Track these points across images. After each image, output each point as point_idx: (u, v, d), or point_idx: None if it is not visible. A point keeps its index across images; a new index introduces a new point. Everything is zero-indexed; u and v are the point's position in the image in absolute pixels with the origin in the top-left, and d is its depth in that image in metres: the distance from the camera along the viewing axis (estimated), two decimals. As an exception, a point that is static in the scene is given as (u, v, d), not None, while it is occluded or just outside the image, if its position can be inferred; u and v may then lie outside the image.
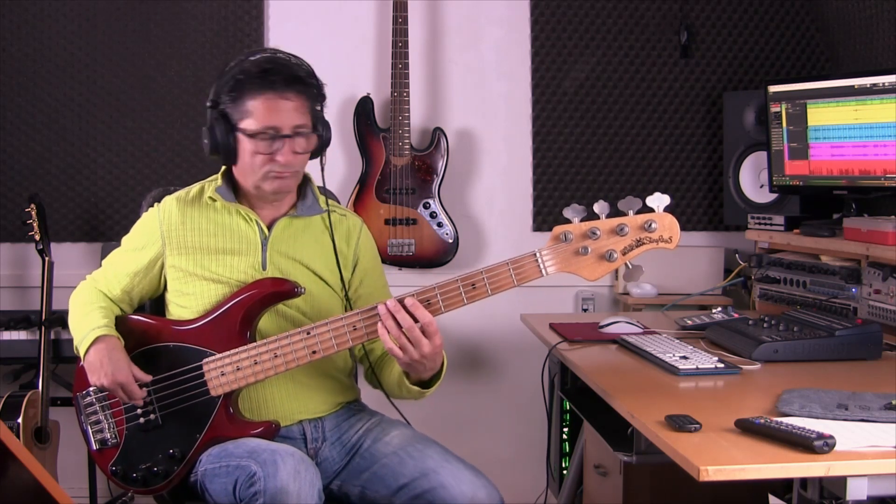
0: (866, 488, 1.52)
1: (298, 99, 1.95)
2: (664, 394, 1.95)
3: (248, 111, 1.95)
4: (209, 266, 2.02)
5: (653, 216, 1.80)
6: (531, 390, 3.21)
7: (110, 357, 1.94)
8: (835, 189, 2.77)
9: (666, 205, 1.81)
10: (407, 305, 1.82)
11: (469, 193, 3.46)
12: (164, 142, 3.37)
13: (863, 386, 1.91)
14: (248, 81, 1.95)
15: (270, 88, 1.93)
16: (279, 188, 2.01)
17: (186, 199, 2.09)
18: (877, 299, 2.44)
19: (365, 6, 3.39)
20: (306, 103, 1.97)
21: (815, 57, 3.45)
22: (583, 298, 3.45)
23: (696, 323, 2.58)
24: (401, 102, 3.21)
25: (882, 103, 2.56)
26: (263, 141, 1.95)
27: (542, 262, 1.83)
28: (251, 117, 1.95)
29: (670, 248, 1.82)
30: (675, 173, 3.47)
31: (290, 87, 1.94)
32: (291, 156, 1.96)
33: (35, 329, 3.05)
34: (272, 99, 1.94)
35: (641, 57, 3.43)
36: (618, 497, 2.33)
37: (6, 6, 3.27)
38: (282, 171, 1.97)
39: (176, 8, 3.33)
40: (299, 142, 1.97)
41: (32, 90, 3.31)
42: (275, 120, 1.94)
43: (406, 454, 1.95)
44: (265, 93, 1.94)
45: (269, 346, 1.92)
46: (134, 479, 1.98)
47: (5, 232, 3.34)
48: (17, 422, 2.83)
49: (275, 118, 1.94)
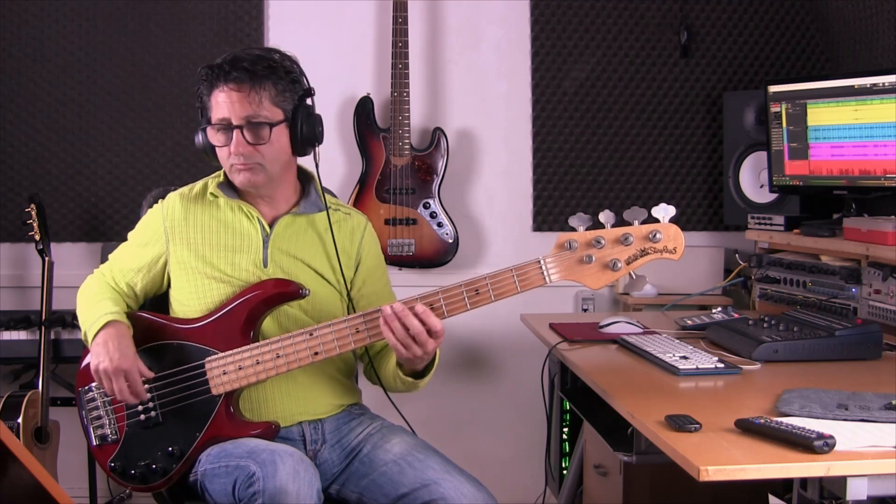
0: (866, 488, 1.52)
1: (245, 88, 1.94)
2: (664, 394, 1.95)
3: (209, 106, 1.99)
4: (212, 263, 2.02)
5: (658, 226, 1.81)
6: (531, 390, 3.21)
7: (119, 343, 1.93)
8: (835, 189, 2.77)
9: (671, 216, 1.81)
10: (418, 312, 1.82)
11: (469, 193, 3.46)
12: (164, 142, 3.37)
13: (863, 386, 1.91)
14: (208, 76, 1.97)
15: (220, 80, 1.95)
16: (244, 182, 1.99)
17: (190, 196, 2.09)
18: (877, 299, 2.44)
19: (365, 6, 3.39)
20: (264, 93, 1.95)
21: (815, 57, 3.45)
22: (583, 298, 3.45)
23: (696, 323, 2.58)
24: (401, 102, 3.21)
25: (882, 103, 2.56)
26: (221, 133, 1.97)
27: (545, 270, 1.83)
28: (212, 111, 1.98)
29: (674, 259, 1.82)
30: (675, 173, 3.47)
31: (237, 77, 1.94)
32: (244, 147, 1.95)
33: (35, 329, 3.05)
34: (223, 90, 1.95)
35: (641, 57, 3.43)
36: (618, 497, 2.33)
37: (6, 6, 3.27)
38: (241, 163, 1.96)
39: (176, 8, 3.33)
40: (250, 132, 1.95)
41: (32, 90, 3.31)
42: (224, 111, 1.95)
43: (406, 463, 1.95)
44: (218, 84, 1.96)
45: (272, 346, 1.92)
46: (133, 475, 1.98)
47: (5, 232, 3.34)
48: (17, 422, 2.84)
49: (224, 109, 1.95)
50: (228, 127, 1.96)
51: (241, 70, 1.94)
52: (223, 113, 1.95)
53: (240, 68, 1.94)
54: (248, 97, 1.94)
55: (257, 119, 1.95)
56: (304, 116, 2.01)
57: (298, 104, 2.01)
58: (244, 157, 1.96)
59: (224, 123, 1.96)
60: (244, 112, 1.94)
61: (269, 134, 1.96)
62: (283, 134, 1.99)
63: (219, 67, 1.96)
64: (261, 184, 2.01)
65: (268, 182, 2.02)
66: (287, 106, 1.99)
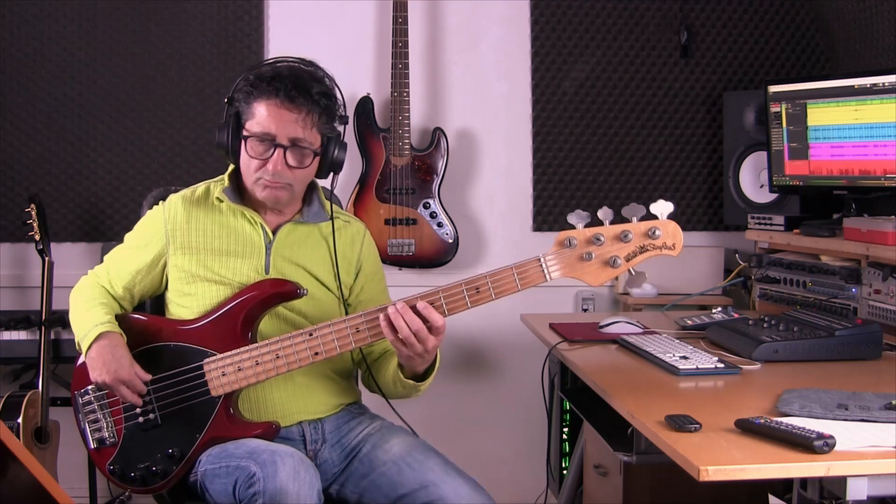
0: (866, 488, 1.52)
1: (302, 112, 1.93)
2: (664, 394, 1.95)
3: (252, 113, 1.96)
4: (212, 267, 2.02)
5: (657, 223, 1.81)
6: (531, 390, 3.21)
7: (113, 354, 1.93)
8: (835, 189, 2.77)
9: (670, 212, 1.81)
10: (419, 309, 1.82)
11: (469, 193, 3.46)
12: (164, 142, 3.37)
13: (863, 386, 1.91)
14: (260, 84, 1.95)
15: (276, 95, 1.93)
16: (269, 198, 1.99)
17: (192, 199, 2.08)
18: (877, 299, 2.44)
19: (365, 6, 3.39)
20: (314, 119, 1.95)
21: (815, 57, 3.45)
22: (583, 298, 3.45)
23: (696, 323, 2.58)
24: (401, 102, 3.21)
25: (882, 103, 2.56)
26: (260, 145, 1.95)
27: (546, 267, 1.83)
28: (254, 119, 1.95)
29: (673, 255, 1.83)
30: (675, 173, 3.47)
31: (296, 98, 1.92)
32: (282, 166, 1.94)
33: (35, 329, 3.05)
34: (275, 106, 1.93)
35: (641, 57, 3.43)
36: (618, 497, 2.32)
37: (6, 6, 3.27)
38: (271, 181, 1.96)
39: (176, 8, 3.33)
40: (294, 155, 1.95)
41: (32, 90, 3.31)
42: (273, 127, 1.93)
43: (405, 464, 1.95)
44: (271, 98, 1.94)
45: (271, 346, 1.92)
46: (132, 478, 1.98)
47: (5, 232, 3.34)
48: (17, 422, 2.84)
49: (273, 125, 1.93)
50: (271, 142, 1.94)
51: (303, 91, 1.93)
52: (269, 127, 1.93)
53: (302, 88, 1.93)
54: (301, 120, 1.93)
55: (303, 144, 1.95)
56: (338, 145, 2.02)
57: (334, 132, 2.01)
58: (278, 176, 1.95)
59: (267, 137, 1.94)
60: (293, 133, 1.94)
61: (311, 161, 1.97)
62: (317, 160, 2.00)
63: (277, 80, 1.93)
64: (283, 202, 2.02)
65: (289, 201, 2.03)
66: (327, 133, 2.00)
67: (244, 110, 1.97)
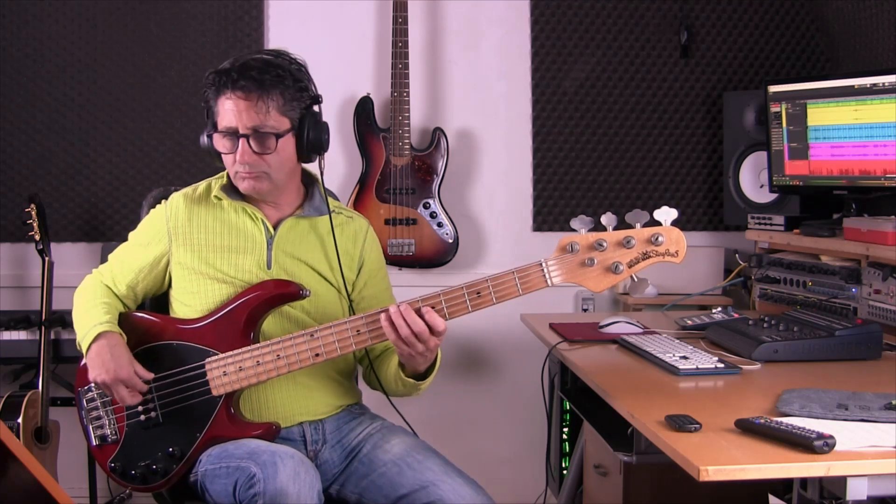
0: (866, 488, 1.52)
1: (253, 98, 1.92)
2: (664, 394, 1.95)
3: (217, 111, 1.97)
4: (214, 264, 2.02)
5: (660, 230, 1.81)
6: (531, 390, 3.21)
7: (112, 353, 1.93)
8: (835, 189, 2.77)
9: (674, 219, 1.81)
10: (423, 314, 1.82)
11: (469, 193, 3.46)
12: (164, 142, 3.37)
13: (863, 386, 1.91)
14: (216, 80, 1.96)
15: (228, 86, 1.93)
16: (249, 189, 1.99)
17: (193, 197, 2.09)
18: (877, 299, 2.44)
19: (365, 6, 3.39)
20: (271, 103, 1.93)
21: (815, 57, 3.45)
22: (583, 298, 3.45)
23: (696, 323, 2.58)
24: (401, 102, 3.21)
25: (882, 103, 2.56)
26: (226, 139, 1.96)
27: (547, 273, 1.83)
28: (219, 117, 1.97)
29: (676, 262, 1.82)
30: (675, 173, 3.47)
31: (245, 87, 1.92)
32: (249, 156, 1.94)
33: (35, 329, 3.05)
34: (230, 98, 1.94)
35: (641, 57, 3.43)
36: (618, 497, 2.33)
37: (6, 6, 3.27)
38: (245, 172, 1.96)
39: (176, 8, 3.33)
40: (257, 141, 1.94)
41: (32, 90, 3.31)
42: (233, 119, 1.93)
43: (405, 464, 1.95)
44: (225, 91, 1.94)
45: (273, 347, 1.92)
46: (133, 476, 1.98)
47: (5, 232, 3.34)
48: (17, 422, 2.84)
49: (233, 117, 1.93)
50: (234, 135, 1.94)
51: (250, 78, 1.92)
52: (229, 121, 1.94)
53: (248, 76, 1.92)
54: (255, 106, 1.93)
55: (264, 129, 1.94)
56: (311, 125, 2.00)
57: (305, 112, 2.00)
58: (249, 165, 1.95)
59: (230, 131, 1.95)
60: (251, 122, 1.93)
61: (275, 144, 1.95)
62: (289, 143, 1.98)
63: (226, 73, 1.94)
64: (265, 191, 2.01)
65: (272, 189, 2.02)
66: (294, 114, 1.98)
67: (213, 110, 1.99)
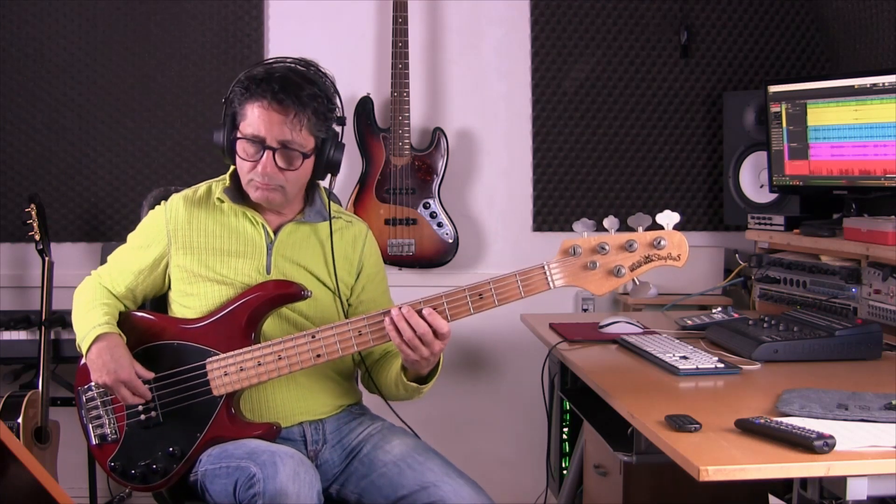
0: (866, 488, 1.52)
1: (290, 114, 1.91)
2: (664, 394, 1.95)
3: (245, 115, 1.95)
4: (214, 267, 2.02)
5: (662, 233, 1.81)
6: (531, 390, 3.21)
7: (112, 355, 1.93)
8: (835, 189, 2.77)
9: (675, 222, 1.81)
10: (425, 315, 1.82)
11: (469, 193, 3.46)
12: (164, 142, 3.37)
13: (863, 386, 1.91)
14: (251, 86, 1.94)
15: (264, 97, 1.92)
16: (261, 199, 1.99)
17: (194, 199, 2.08)
18: (877, 299, 2.44)
19: (365, 6, 3.39)
20: (303, 121, 1.93)
21: (815, 57, 3.45)
22: (583, 298, 3.45)
23: (696, 323, 2.58)
24: (401, 102, 3.21)
25: (882, 103, 2.56)
26: (250, 147, 1.94)
27: (550, 275, 1.83)
28: (246, 121, 1.95)
29: (678, 266, 1.82)
30: (675, 174, 3.47)
31: (284, 101, 1.91)
32: (272, 169, 1.93)
33: (35, 329, 3.05)
34: (264, 108, 1.92)
35: (641, 57, 3.43)
36: (618, 497, 2.33)
37: (6, 6, 3.27)
38: (262, 182, 1.95)
39: (176, 8, 3.33)
40: (283, 157, 1.94)
41: (32, 90, 3.31)
42: (262, 129, 1.92)
43: (406, 465, 1.95)
44: (261, 100, 1.92)
45: (274, 347, 1.92)
46: (133, 475, 1.98)
47: (5, 232, 3.34)
48: (17, 422, 2.84)
49: (263, 127, 1.92)
50: (261, 144, 1.93)
51: (290, 93, 1.91)
52: (258, 129, 1.93)
53: (289, 90, 1.91)
54: (289, 122, 1.92)
55: (292, 146, 1.94)
56: (333, 146, 2.00)
57: (329, 134, 1.99)
58: (269, 177, 1.94)
59: (257, 139, 1.93)
60: (282, 136, 1.92)
61: (300, 163, 1.96)
62: (310, 161, 1.99)
63: (266, 82, 1.92)
64: (277, 203, 2.01)
65: (283, 203, 2.02)
66: (320, 134, 1.98)
67: (238, 111, 1.97)
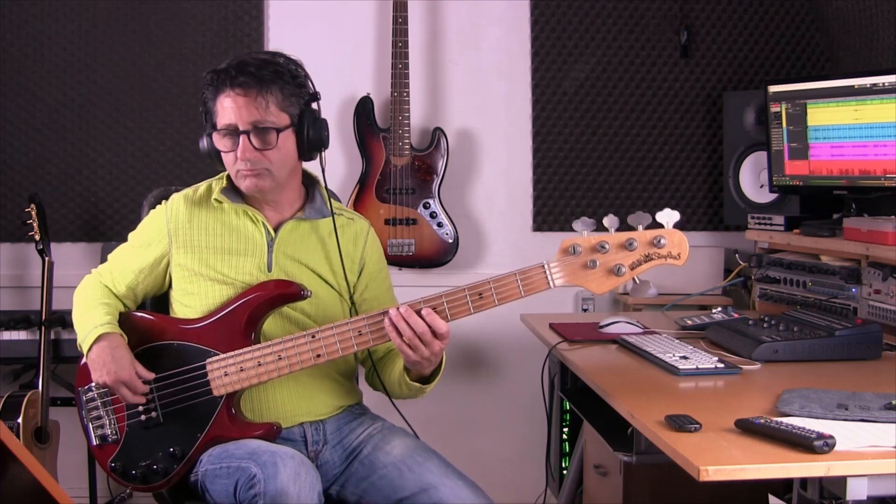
0: (866, 488, 1.52)
1: (252, 93, 1.92)
2: (664, 394, 1.95)
3: (217, 110, 1.97)
4: (215, 266, 2.02)
5: (662, 232, 1.81)
6: (531, 390, 3.21)
7: (113, 355, 1.93)
8: (835, 189, 2.77)
9: (675, 221, 1.81)
10: (423, 315, 1.82)
11: (469, 193, 3.46)
12: (164, 142, 3.37)
13: (863, 386, 1.91)
14: (215, 79, 1.96)
15: (226, 84, 1.94)
16: (251, 187, 1.99)
17: (194, 198, 2.08)
18: (877, 299, 2.44)
19: (365, 6, 3.39)
20: (270, 97, 1.94)
21: (815, 57, 3.45)
22: (583, 298, 3.45)
23: (696, 323, 2.58)
24: (401, 102, 3.21)
25: (882, 103, 2.56)
26: (227, 138, 1.96)
27: (549, 275, 1.83)
28: (219, 116, 1.97)
29: (678, 265, 1.82)
30: (675, 174, 3.47)
31: (244, 83, 1.92)
32: (251, 152, 1.94)
33: (35, 329, 3.05)
34: (228, 95, 1.94)
35: (641, 57, 3.43)
36: (618, 497, 2.33)
37: (6, 6, 3.28)
38: (247, 169, 1.95)
39: (176, 8, 3.33)
40: (258, 136, 1.94)
41: (32, 90, 3.31)
42: (233, 116, 1.93)
43: (406, 467, 1.94)
44: (223, 89, 1.94)
45: (274, 348, 1.91)
46: (133, 476, 1.98)
47: (5, 232, 3.34)
48: (17, 422, 2.84)
49: (232, 115, 1.93)
50: (235, 132, 1.94)
51: (248, 74, 1.93)
52: (229, 118, 1.94)
53: (246, 73, 1.93)
54: (254, 102, 1.93)
55: (264, 124, 1.94)
56: (311, 121, 2.00)
57: (304, 109, 2.00)
58: (251, 162, 1.95)
59: (230, 129, 1.94)
60: (251, 117, 1.93)
61: (276, 139, 1.95)
62: (289, 139, 1.98)
63: (224, 72, 1.94)
64: (267, 189, 2.00)
65: (274, 187, 2.01)
66: (293, 111, 1.98)
67: (211, 111, 1.99)
